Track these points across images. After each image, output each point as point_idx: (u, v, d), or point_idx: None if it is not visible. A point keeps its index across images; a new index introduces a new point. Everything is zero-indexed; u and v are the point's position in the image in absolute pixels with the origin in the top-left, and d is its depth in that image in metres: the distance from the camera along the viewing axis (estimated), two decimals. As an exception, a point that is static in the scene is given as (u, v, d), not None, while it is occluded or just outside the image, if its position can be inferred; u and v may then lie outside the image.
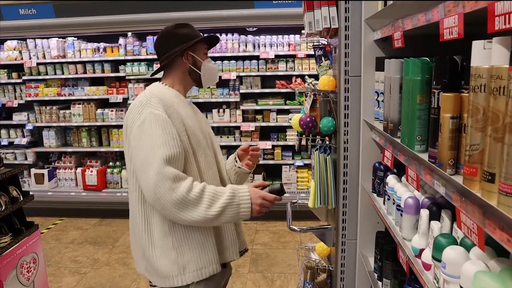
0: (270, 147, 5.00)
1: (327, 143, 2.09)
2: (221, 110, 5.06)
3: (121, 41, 5.10)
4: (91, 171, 5.15)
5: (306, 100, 2.33)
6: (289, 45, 4.92)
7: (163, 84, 1.74)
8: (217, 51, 4.91)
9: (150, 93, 1.63)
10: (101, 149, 5.36)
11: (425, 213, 1.31)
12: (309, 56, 4.86)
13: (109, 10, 4.77)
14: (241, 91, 4.99)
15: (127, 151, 1.62)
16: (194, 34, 1.74)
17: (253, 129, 5.00)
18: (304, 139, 2.37)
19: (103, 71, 5.16)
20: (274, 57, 4.89)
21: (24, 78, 5.32)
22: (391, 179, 1.63)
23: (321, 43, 2.25)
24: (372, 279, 1.83)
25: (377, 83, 1.74)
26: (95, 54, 5.14)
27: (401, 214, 1.46)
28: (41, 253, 2.95)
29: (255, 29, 5.12)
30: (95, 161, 5.34)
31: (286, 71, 4.93)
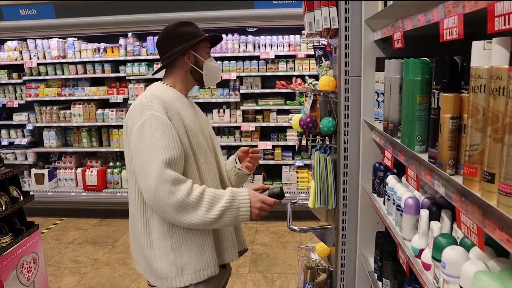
0: (270, 147, 5.00)
1: (327, 143, 2.09)
2: (221, 110, 5.06)
3: (122, 41, 5.10)
4: (91, 171, 5.15)
5: (306, 100, 2.33)
6: (289, 46, 4.92)
7: (164, 84, 1.72)
8: (217, 51, 4.91)
9: (151, 94, 1.60)
10: (101, 149, 5.36)
11: (425, 213, 1.31)
12: (309, 56, 4.85)
13: (110, 10, 4.77)
14: (241, 91, 5.00)
15: (127, 151, 1.61)
16: (196, 32, 1.71)
17: (253, 129, 5.00)
18: (304, 139, 2.37)
19: (104, 72, 5.17)
20: (274, 57, 4.89)
21: (24, 78, 5.33)
22: (391, 179, 1.63)
23: (321, 44, 2.25)
24: (372, 279, 1.83)
25: (377, 84, 1.74)
26: (96, 54, 5.14)
27: (401, 214, 1.46)
28: (41, 253, 2.95)
29: (255, 29, 5.12)
30: (95, 161, 5.35)
31: (286, 71, 4.93)
